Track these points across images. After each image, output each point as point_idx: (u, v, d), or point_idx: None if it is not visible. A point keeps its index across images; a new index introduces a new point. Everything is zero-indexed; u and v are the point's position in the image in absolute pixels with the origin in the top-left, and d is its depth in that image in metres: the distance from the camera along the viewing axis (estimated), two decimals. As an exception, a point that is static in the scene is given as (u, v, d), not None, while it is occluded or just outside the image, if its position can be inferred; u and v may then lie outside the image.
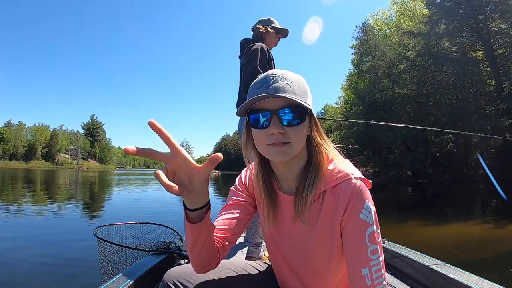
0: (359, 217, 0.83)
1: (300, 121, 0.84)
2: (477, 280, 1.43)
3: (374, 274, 0.81)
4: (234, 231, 1.00)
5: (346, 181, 0.86)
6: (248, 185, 1.08)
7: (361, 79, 34.86)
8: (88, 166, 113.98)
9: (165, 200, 11.83)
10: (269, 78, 0.84)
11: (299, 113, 0.83)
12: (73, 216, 8.58)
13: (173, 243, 2.07)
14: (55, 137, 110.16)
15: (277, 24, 2.76)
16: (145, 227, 2.48)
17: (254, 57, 2.44)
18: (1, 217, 7.82)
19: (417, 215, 9.08)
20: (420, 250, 1.96)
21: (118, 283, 1.42)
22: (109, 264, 1.96)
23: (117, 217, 7.86)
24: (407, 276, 1.83)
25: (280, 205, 0.98)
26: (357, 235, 0.84)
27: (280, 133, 0.82)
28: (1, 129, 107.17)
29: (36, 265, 4.13)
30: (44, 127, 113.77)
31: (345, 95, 45.36)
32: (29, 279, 3.65)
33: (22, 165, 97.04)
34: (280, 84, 0.82)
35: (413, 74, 26.66)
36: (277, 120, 0.82)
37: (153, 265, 1.73)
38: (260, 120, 0.84)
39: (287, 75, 0.85)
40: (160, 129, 0.67)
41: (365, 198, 0.85)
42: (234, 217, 1.02)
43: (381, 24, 35.83)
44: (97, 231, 2.09)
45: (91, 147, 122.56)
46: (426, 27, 24.99)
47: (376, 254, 0.82)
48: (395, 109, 26.60)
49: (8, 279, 3.62)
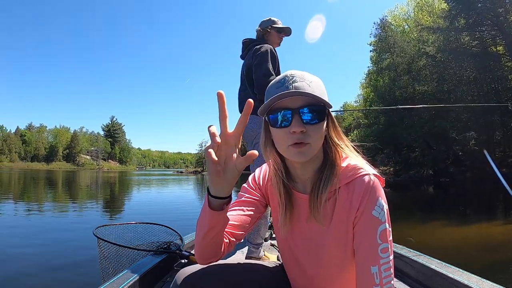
0: (372, 213, 0.84)
1: (320, 120, 0.85)
2: (477, 280, 1.44)
3: (383, 273, 0.81)
4: (243, 229, 1.02)
5: (360, 178, 0.87)
6: (261, 184, 1.09)
7: (381, 76, 34.68)
8: (109, 167, 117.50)
9: (182, 201, 12.28)
10: (288, 78, 0.86)
11: (319, 112, 0.85)
12: (91, 216, 8.81)
13: (173, 243, 2.08)
14: (76, 139, 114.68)
15: (279, 23, 2.75)
16: (145, 227, 2.49)
17: (265, 59, 2.46)
18: (9, 216, 8.22)
19: (439, 215, 9.01)
20: (441, 252, 1.98)
21: (118, 283, 1.43)
22: (109, 264, 1.97)
23: (132, 217, 8.13)
24: (407, 276, 1.84)
25: (295, 205, 0.99)
26: (368, 232, 0.84)
27: (302, 131, 0.83)
28: (23, 132, 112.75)
29: (36, 265, 4.19)
30: (65, 129, 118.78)
31: (364, 93, 44.96)
32: (29, 279, 3.70)
33: (44, 166, 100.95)
34: (300, 83, 0.84)
35: (433, 71, 26.42)
36: (299, 119, 0.83)
37: (153, 265, 1.75)
38: (281, 119, 0.85)
39: (305, 75, 0.87)
40: (223, 104, 0.73)
41: (378, 195, 0.85)
42: (245, 214, 1.03)
43: (399, 20, 35.53)
44: (97, 231, 2.10)
45: (111, 148, 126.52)
46: (445, 22, 24.67)
47: (387, 253, 0.82)
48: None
49: (8, 279, 3.66)
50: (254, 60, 2.50)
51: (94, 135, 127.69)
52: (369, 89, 40.16)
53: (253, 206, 1.06)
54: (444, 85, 25.30)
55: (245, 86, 2.68)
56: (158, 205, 11.51)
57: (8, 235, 6.06)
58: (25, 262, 4.26)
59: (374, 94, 36.29)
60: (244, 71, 2.66)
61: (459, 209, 10.67)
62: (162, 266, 1.85)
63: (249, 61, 2.59)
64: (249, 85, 2.58)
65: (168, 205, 11.70)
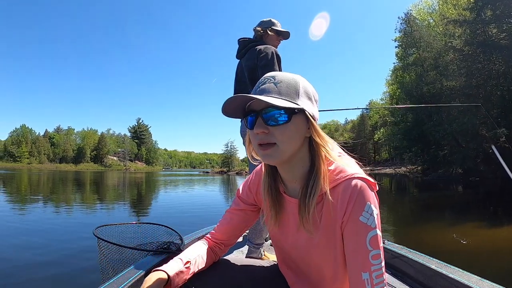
0: (359, 219, 0.83)
1: (284, 121, 0.85)
2: (477, 280, 1.46)
3: (374, 280, 0.82)
4: (233, 235, 1.14)
5: (346, 181, 0.86)
6: (252, 190, 1.13)
7: (407, 72, 34.49)
8: (135, 167, 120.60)
9: (209, 201, 12.32)
10: (261, 81, 0.90)
11: (285, 113, 0.85)
12: (117, 214, 8.94)
13: (173, 243, 2.11)
14: (103, 141, 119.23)
15: (278, 26, 2.76)
16: (145, 227, 2.52)
17: (272, 61, 2.48)
18: (39, 213, 8.60)
19: (469, 216, 8.91)
20: (471, 257, 2.01)
21: (118, 283, 1.46)
22: (109, 264, 1.99)
23: (160, 217, 8.31)
24: (407, 276, 1.86)
25: (286, 208, 1.01)
26: (357, 239, 0.84)
27: (264, 132, 0.86)
28: (51, 134, 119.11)
29: (37, 264, 4.23)
30: (92, 131, 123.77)
31: (390, 90, 44.58)
32: (29, 278, 3.73)
33: (72, 168, 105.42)
34: (267, 85, 0.87)
35: (461, 65, 25.86)
36: (261, 120, 0.86)
37: (153, 265, 1.76)
38: (249, 120, 0.90)
39: (278, 76, 0.89)
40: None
41: (366, 200, 0.84)
42: (234, 223, 1.14)
43: (424, 14, 35.26)
44: (97, 231, 2.14)
45: (138, 149, 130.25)
46: (472, 14, 24.23)
47: (378, 259, 0.83)
48: (444, 103, 26.00)
49: (8, 279, 3.69)
50: (261, 61, 2.51)
51: (121, 136, 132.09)
52: (395, 86, 39.84)
53: (243, 215, 1.14)
54: (473, 80, 24.71)
55: (244, 87, 2.71)
56: (185, 206, 11.65)
57: (29, 231, 6.37)
58: (26, 261, 4.34)
59: (401, 91, 36.12)
60: (246, 72, 2.67)
61: (490, 209, 10.49)
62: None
63: (251, 61, 2.60)
64: (252, 86, 2.51)
65: (194, 205, 11.96)
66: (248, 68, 2.63)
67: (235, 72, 2.90)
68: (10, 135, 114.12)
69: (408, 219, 9.12)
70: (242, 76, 2.75)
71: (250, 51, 2.67)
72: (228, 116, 0.93)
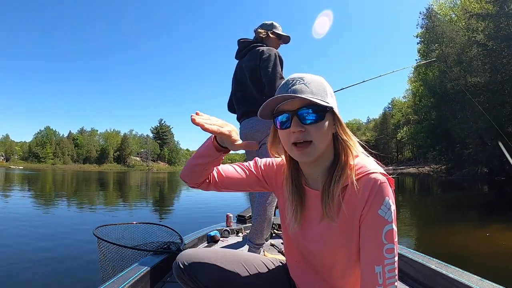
0: (378, 212, 0.87)
1: (319, 119, 0.91)
2: (477, 280, 1.47)
3: (387, 273, 0.84)
4: (228, 182, 1.19)
5: (367, 176, 0.90)
6: (276, 170, 1.19)
7: (430, 69, 34.11)
8: (158, 167, 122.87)
9: (230, 199, 12.32)
10: (289, 82, 0.95)
11: (318, 111, 0.91)
12: (140, 214, 9.09)
13: (173, 243, 2.14)
14: (126, 141, 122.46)
15: (279, 29, 2.82)
16: (145, 227, 2.55)
17: (275, 63, 2.52)
18: (40, 215, 8.71)
19: (495, 217, 8.82)
20: (494, 261, 2.02)
21: (118, 283, 1.47)
22: (109, 264, 2.01)
23: (182, 216, 8.52)
24: (407, 276, 1.88)
25: (307, 201, 1.05)
26: (374, 231, 0.87)
27: (301, 131, 0.91)
28: (75, 136, 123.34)
29: (37, 264, 4.26)
30: (115, 133, 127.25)
31: (412, 87, 43.96)
32: (29, 278, 3.77)
33: (96, 168, 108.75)
34: (298, 86, 0.92)
35: (485, 61, 25.42)
36: (297, 120, 0.91)
37: (153, 265, 1.79)
38: (283, 121, 0.95)
39: (305, 77, 0.95)
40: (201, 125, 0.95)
41: (385, 195, 0.88)
42: (238, 174, 1.19)
43: (446, 9, 34.68)
44: (97, 231, 2.15)
45: (160, 150, 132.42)
46: (495, 8, 23.91)
47: (392, 254, 0.85)
48: (468, 100, 25.53)
49: (7, 279, 3.72)
50: (263, 62, 2.54)
51: (143, 137, 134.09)
52: (418, 83, 39.26)
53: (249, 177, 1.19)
54: (498, 75, 24.28)
55: (244, 87, 2.74)
56: (206, 204, 11.65)
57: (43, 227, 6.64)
58: (27, 261, 4.37)
59: (424, 88, 35.62)
60: (246, 72, 2.70)
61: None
62: (162, 266, 1.90)
63: (253, 62, 2.63)
64: (254, 86, 2.63)
65: (215, 203, 11.82)
66: (249, 68, 2.66)
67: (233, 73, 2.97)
68: (35, 137, 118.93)
69: (431, 218, 9.14)
70: (241, 76, 2.78)
71: (251, 52, 2.72)
72: (261, 118, 1.01)
